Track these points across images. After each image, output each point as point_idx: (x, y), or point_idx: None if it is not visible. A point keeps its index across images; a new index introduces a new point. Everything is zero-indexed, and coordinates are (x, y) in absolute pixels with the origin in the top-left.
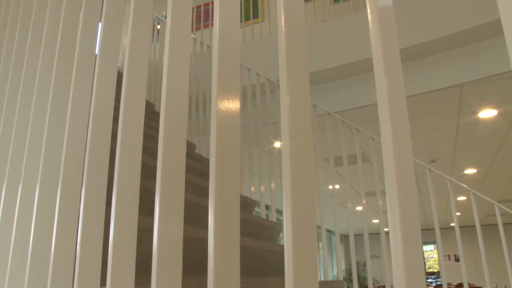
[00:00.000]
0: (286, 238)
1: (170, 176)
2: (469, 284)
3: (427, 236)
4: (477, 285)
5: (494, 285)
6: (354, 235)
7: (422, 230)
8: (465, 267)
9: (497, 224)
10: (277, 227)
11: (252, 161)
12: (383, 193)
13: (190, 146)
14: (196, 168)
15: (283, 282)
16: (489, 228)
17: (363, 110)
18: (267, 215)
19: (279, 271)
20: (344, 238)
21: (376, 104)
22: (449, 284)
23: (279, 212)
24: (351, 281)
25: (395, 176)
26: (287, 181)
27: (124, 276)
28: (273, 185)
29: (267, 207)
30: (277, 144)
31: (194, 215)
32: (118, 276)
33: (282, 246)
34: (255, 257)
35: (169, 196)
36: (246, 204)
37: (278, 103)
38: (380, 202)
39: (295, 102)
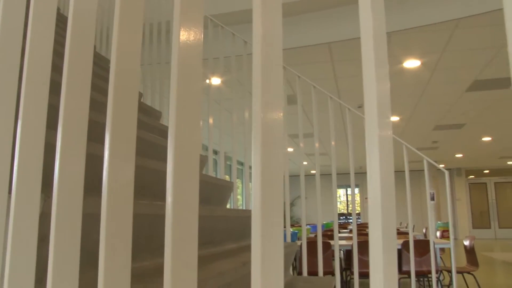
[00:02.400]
0: (168, 164)
1: (73, 92)
2: None
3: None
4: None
5: (402, 223)
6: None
7: (344, 174)
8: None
9: (416, 170)
10: (203, 159)
11: None
12: (308, 135)
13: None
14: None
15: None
16: (410, 173)
17: (292, 52)
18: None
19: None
20: None
21: (302, 47)
22: (365, 223)
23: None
24: None
25: (260, 122)
26: (173, 114)
27: (30, 188)
28: (211, 120)
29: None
30: (214, 81)
31: (99, 134)
32: (24, 187)
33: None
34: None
35: (73, 113)
36: None
37: (223, 37)
38: (301, 144)
39: (187, 43)
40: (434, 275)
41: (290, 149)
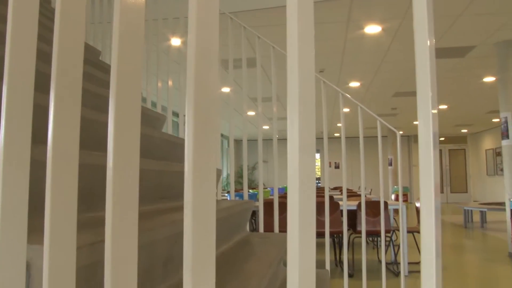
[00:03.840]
0: (110, 116)
1: (19, 42)
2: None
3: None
4: (350, 188)
5: (358, 187)
6: (237, 140)
7: None
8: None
9: (374, 137)
10: (161, 118)
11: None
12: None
13: None
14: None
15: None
16: (369, 139)
17: (255, 13)
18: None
19: (161, 156)
20: (236, 142)
21: (266, 8)
22: (323, 188)
23: (175, 114)
24: (240, 183)
25: (194, 80)
26: (114, 66)
27: None
28: (170, 83)
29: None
30: (174, 42)
31: (46, 86)
32: None
33: (164, 133)
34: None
35: (19, 65)
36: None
37: None
38: (260, 108)
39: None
40: (383, 232)
41: (251, 113)
